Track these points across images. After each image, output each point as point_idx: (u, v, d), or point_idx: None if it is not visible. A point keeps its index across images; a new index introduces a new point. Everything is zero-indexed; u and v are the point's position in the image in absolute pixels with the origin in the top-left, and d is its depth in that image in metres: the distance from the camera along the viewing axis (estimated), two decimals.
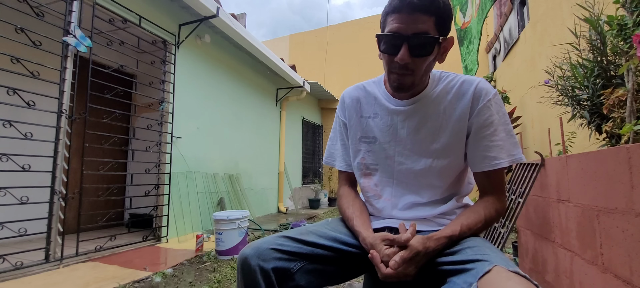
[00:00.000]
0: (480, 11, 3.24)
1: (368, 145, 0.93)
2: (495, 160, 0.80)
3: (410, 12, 0.73)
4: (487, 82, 0.85)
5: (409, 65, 0.77)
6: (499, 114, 0.82)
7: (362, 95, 0.96)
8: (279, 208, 6.16)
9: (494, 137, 0.80)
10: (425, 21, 0.74)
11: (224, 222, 2.82)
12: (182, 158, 3.73)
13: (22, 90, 2.24)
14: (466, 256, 0.68)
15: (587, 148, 1.61)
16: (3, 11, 2.32)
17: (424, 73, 0.81)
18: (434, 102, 0.85)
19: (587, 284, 1.21)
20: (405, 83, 0.80)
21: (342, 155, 1.01)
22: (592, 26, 1.37)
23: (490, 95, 0.82)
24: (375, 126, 0.92)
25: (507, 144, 0.81)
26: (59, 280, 2.15)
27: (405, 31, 0.74)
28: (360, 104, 0.96)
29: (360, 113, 0.96)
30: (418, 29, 0.74)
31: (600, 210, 1.10)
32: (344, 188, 1.01)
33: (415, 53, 0.75)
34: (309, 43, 9.46)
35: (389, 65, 0.81)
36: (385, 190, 0.92)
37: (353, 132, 0.97)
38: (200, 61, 4.17)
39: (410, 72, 0.78)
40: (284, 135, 6.39)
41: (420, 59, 0.77)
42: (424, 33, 0.74)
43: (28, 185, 2.27)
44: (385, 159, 0.91)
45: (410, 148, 0.87)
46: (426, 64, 0.79)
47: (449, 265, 0.69)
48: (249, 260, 0.73)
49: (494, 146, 0.80)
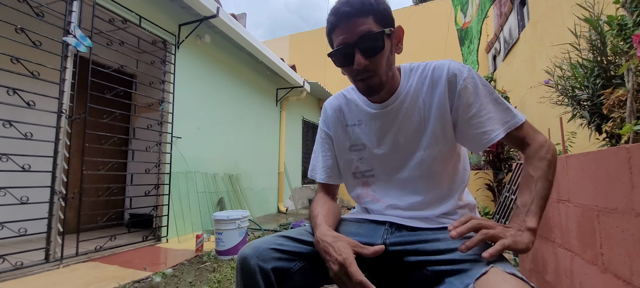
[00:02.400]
0: (479, 11, 3.24)
1: (359, 152, 0.92)
2: (493, 133, 0.78)
3: (347, 20, 0.75)
4: (457, 62, 0.84)
5: (368, 66, 0.77)
6: (479, 88, 0.80)
7: (344, 103, 0.97)
8: (279, 208, 6.16)
9: (482, 111, 0.79)
10: (365, 22, 0.75)
11: (224, 222, 2.82)
12: (182, 158, 3.73)
13: (22, 90, 2.24)
14: (462, 255, 0.67)
15: (587, 148, 1.61)
16: (3, 11, 2.32)
17: (387, 68, 0.80)
18: (412, 96, 0.85)
19: (587, 284, 1.21)
20: (374, 84, 0.80)
21: (322, 166, 0.99)
22: (592, 26, 1.37)
23: (465, 74, 0.81)
24: (361, 133, 0.92)
25: (498, 114, 0.79)
26: (59, 280, 2.15)
27: (350, 39, 0.76)
28: (343, 113, 0.96)
29: (344, 122, 0.95)
30: (361, 31, 0.75)
31: (600, 210, 1.10)
32: (318, 195, 0.98)
33: (369, 54, 0.76)
34: (309, 43, 9.46)
35: (352, 75, 0.82)
36: (384, 195, 0.90)
37: (341, 143, 0.96)
38: (200, 61, 4.17)
39: (373, 72, 0.78)
40: (284, 135, 6.39)
41: (375, 57, 0.77)
42: (368, 32, 0.75)
43: (28, 185, 2.27)
44: (378, 164, 0.90)
45: (401, 147, 0.87)
46: (384, 59, 0.79)
47: (445, 265, 0.69)
48: (248, 259, 0.73)
49: (485, 120, 0.79)
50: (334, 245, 0.72)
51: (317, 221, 0.82)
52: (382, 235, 0.83)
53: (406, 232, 0.82)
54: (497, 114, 0.79)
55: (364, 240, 0.81)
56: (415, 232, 0.81)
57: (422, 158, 0.84)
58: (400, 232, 0.83)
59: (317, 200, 0.95)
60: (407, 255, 0.77)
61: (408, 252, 0.77)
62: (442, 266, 0.69)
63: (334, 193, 1.01)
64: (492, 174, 4.71)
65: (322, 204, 0.90)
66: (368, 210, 0.95)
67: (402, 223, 0.84)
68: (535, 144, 0.78)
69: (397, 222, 0.84)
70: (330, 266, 0.70)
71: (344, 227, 0.90)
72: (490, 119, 0.79)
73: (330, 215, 0.86)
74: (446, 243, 0.73)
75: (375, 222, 0.88)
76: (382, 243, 0.81)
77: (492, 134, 0.78)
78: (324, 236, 0.75)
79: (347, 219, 0.94)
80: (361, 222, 0.91)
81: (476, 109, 0.79)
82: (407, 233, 0.81)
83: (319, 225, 0.80)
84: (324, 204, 0.90)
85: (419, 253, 0.76)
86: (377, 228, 0.86)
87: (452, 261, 0.68)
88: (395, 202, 0.87)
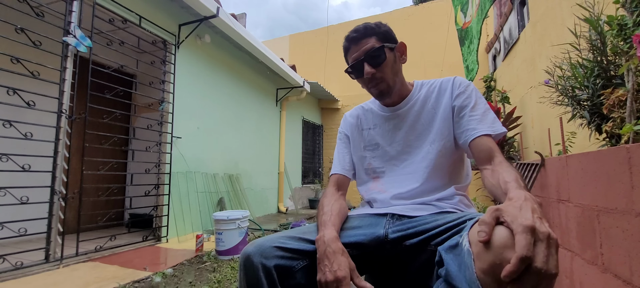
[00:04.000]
0: (479, 11, 3.24)
1: (372, 151, 1.06)
2: (477, 131, 0.88)
3: (356, 42, 0.97)
4: (461, 78, 1.01)
5: (376, 74, 0.96)
6: (476, 97, 0.95)
7: (361, 113, 1.14)
8: (279, 208, 6.16)
9: (473, 112, 0.92)
10: (369, 41, 0.96)
11: (224, 222, 2.82)
12: (182, 158, 3.73)
13: (22, 90, 2.24)
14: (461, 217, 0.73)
15: (587, 148, 1.61)
16: (3, 11, 2.32)
17: (393, 75, 0.98)
18: (421, 102, 1.01)
19: (587, 284, 1.21)
20: (382, 89, 0.98)
21: (339, 161, 1.12)
22: (592, 26, 1.37)
23: (466, 83, 0.98)
24: (376, 134, 1.07)
25: (486, 119, 0.90)
26: (59, 280, 2.15)
27: (359, 55, 0.96)
28: (360, 120, 1.13)
29: (361, 127, 1.12)
30: (366, 49, 0.95)
31: (600, 210, 1.10)
32: (329, 189, 1.04)
33: (374, 64, 0.95)
34: (309, 43, 9.46)
35: (365, 84, 1.00)
36: (390, 186, 0.98)
37: (357, 144, 1.11)
38: (200, 61, 4.17)
39: (380, 79, 0.96)
40: (284, 135, 6.39)
41: (381, 66, 0.95)
42: (371, 48, 0.95)
43: (28, 185, 2.27)
44: (389, 160, 1.02)
45: (410, 145, 0.99)
46: (389, 68, 0.97)
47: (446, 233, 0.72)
48: (251, 257, 0.74)
49: (473, 119, 0.91)
50: (337, 257, 0.72)
51: (325, 219, 0.85)
52: (384, 225, 0.86)
53: (407, 220, 0.86)
54: (486, 119, 0.90)
55: (367, 231, 0.85)
56: (415, 218, 0.85)
57: (427, 151, 0.96)
58: (401, 220, 0.87)
59: (327, 195, 1.00)
60: (408, 238, 0.80)
61: (408, 236, 0.80)
62: (444, 236, 0.72)
63: (344, 188, 1.07)
64: None
65: (333, 201, 0.94)
66: (372, 204, 1.01)
67: (403, 213, 0.88)
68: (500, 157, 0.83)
69: (398, 213, 0.88)
70: (325, 273, 0.70)
71: (348, 222, 0.92)
72: (478, 119, 0.90)
73: (339, 217, 0.89)
74: (445, 218, 0.77)
75: (377, 214, 0.92)
76: (384, 232, 0.84)
77: (478, 131, 0.88)
78: (331, 242, 0.75)
79: (351, 216, 0.97)
80: (364, 216, 0.94)
81: (469, 109, 0.93)
82: (408, 221, 0.86)
83: (327, 226, 0.81)
84: (335, 202, 0.94)
85: (419, 233, 0.79)
86: (379, 219, 0.89)
87: (453, 226, 0.72)
88: (399, 191, 0.94)
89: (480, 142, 0.86)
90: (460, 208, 0.90)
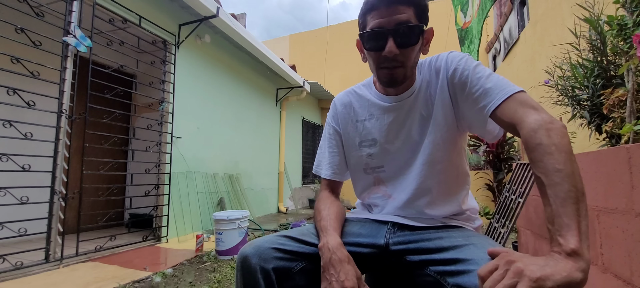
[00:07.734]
0: (480, 11, 3.24)
1: (369, 148, 0.90)
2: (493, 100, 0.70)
3: (389, 5, 0.74)
4: (455, 52, 0.84)
5: (398, 57, 0.76)
6: (475, 67, 0.77)
7: (354, 99, 0.95)
8: (279, 208, 6.16)
9: (478, 83, 0.74)
10: (405, 11, 0.74)
11: (224, 222, 2.82)
12: (182, 158, 3.73)
13: (22, 90, 2.24)
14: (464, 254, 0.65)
15: (587, 148, 1.61)
16: (3, 11, 2.32)
17: (413, 64, 0.81)
18: (424, 90, 0.85)
19: (587, 284, 1.21)
20: (397, 76, 0.79)
21: (329, 162, 0.97)
22: (592, 26, 1.37)
23: (459, 57, 0.81)
24: (372, 127, 0.90)
25: (497, 84, 0.72)
26: (59, 280, 2.15)
27: (387, 25, 0.75)
28: (354, 109, 0.95)
29: (355, 118, 0.94)
30: (400, 19, 0.74)
31: (600, 210, 1.10)
32: (324, 193, 0.95)
33: (402, 44, 0.75)
34: (309, 43, 9.46)
35: (376, 62, 0.80)
36: (394, 190, 0.89)
37: (350, 140, 0.95)
38: (200, 61, 4.17)
39: (400, 64, 0.77)
40: (283, 135, 6.39)
41: (407, 49, 0.76)
42: (406, 22, 0.74)
43: (28, 185, 2.27)
44: (389, 159, 0.88)
45: (412, 141, 0.85)
46: (414, 54, 0.79)
47: (447, 265, 0.66)
48: (249, 259, 0.72)
49: (483, 91, 0.73)
50: (343, 266, 0.69)
51: (325, 224, 0.80)
52: (385, 234, 0.82)
53: (408, 232, 0.81)
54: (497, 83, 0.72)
55: (367, 241, 0.82)
56: (418, 231, 0.80)
57: (425, 145, 0.84)
58: (402, 231, 0.82)
59: (322, 199, 0.92)
60: (409, 254, 0.76)
61: (410, 251, 0.76)
62: (445, 266, 0.67)
63: (338, 191, 0.99)
64: (492, 174, 4.70)
65: (329, 205, 0.88)
66: (371, 208, 0.94)
67: (404, 223, 0.83)
68: (526, 126, 0.63)
69: (399, 222, 0.84)
70: (331, 283, 0.68)
71: (347, 227, 0.89)
72: (488, 89, 0.73)
73: (338, 221, 0.84)
74: (449, 241, 0.71)
75: (378, 221, 0.88)
76: (385, 242, 0.80)
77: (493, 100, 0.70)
78: (336, 250, 0.71)
79: (350, 219, 0.93)
80: (364, 222, 0.90)
81: (473, 83, 0.75)
82: (410, 233, 0.81)
83: (328, 232, 0.77)
84: (331, 205, 0.88)
85: (420, 251, 0.74)
86: (380, 227, 0.85)
87: (455, 260, 0.65)
88: (400, 195, 0.86)
89: (501, 113, 0.69)
90: (465, 221, 0.87)
